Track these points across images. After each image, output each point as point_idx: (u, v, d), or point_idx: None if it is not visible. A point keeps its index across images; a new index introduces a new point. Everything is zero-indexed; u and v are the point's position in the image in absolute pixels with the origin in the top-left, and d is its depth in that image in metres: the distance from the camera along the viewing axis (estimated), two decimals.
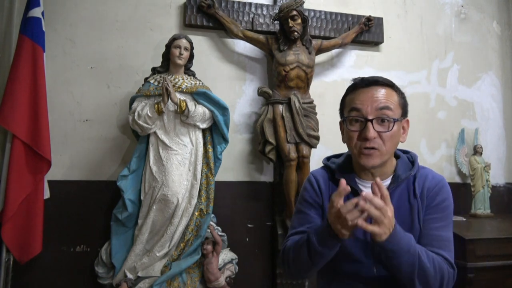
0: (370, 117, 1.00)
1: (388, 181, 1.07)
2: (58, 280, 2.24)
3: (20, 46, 2.06)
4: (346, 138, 1.08)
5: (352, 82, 1.10)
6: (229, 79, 2.66)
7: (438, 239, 1.02)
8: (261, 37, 2.53)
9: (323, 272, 1.15)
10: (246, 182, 2.61)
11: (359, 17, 2.82)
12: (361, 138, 1.02)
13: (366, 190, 0.99)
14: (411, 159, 1.13)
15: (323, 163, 1.20)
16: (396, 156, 1.13)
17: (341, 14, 2.80)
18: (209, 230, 2.24)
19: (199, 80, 2.36)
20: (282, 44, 2.43)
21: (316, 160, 2.59)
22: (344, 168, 1.13)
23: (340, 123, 1.15)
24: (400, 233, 0.91)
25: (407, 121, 1.10)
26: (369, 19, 2.78)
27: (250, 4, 2.65)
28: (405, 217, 1.03)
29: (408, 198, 1.05)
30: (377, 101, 1.01)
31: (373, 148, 1.00)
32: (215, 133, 2.35)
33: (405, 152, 1.18)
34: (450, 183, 1.15)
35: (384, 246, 0.89)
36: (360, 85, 1.06)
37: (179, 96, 2.18)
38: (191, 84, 2.27)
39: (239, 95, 2.67)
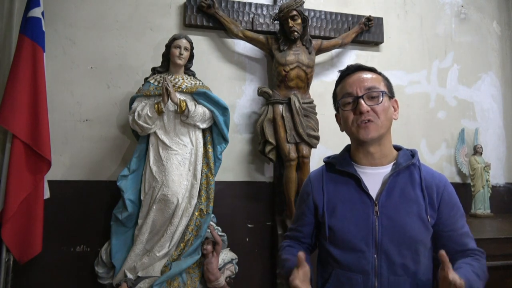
0: (360, 94, 1.09)
1: (389, 167, 1.13)
2: (58, 280, 2.24)
3: (20, 46, 2.06)
4: (343, 123, 1.15)
5: (339, 73, 1.19)
6: (229, 79, 2.66)
7: (467, 235, 1.12)
8: (261, 37, 2.53)
9: (323, 261, 1.19)
10: (246, 182, 2.61)
11: (359, 17, 2.82)
12: (357, 114, 1.10)
13: (365, 176, 1.11)
14: (412, 153, 1.19)
15: (323, 161, 1.27)
16: (398, 149, 1.20)
17: (341, 14, 2.80)
18: (209, 230, 2.24)
19: (199, 80, 2.36)
20: (282, 44, 2.43)
21: (316, 160, 2.59)
22: (343, 158, 1.20)
23: (336, 115, 1.23)
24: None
25: (396, 101, 1.17)
26: (369, 19, 2.78)
27: (250, 4, 2.65)
28: (410, 203, 1.09)
29: (412, 186, 1.10)
30: (364, 82, 1.11)
31: (368, 120, 1.08)
32: (215, 133, 2.35)
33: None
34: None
35: None
36: (346, 72, 1.16)
37: (179, 96, 2.18)
38: (191, 84, 2.27)
39: (239, 95, 2.67)
